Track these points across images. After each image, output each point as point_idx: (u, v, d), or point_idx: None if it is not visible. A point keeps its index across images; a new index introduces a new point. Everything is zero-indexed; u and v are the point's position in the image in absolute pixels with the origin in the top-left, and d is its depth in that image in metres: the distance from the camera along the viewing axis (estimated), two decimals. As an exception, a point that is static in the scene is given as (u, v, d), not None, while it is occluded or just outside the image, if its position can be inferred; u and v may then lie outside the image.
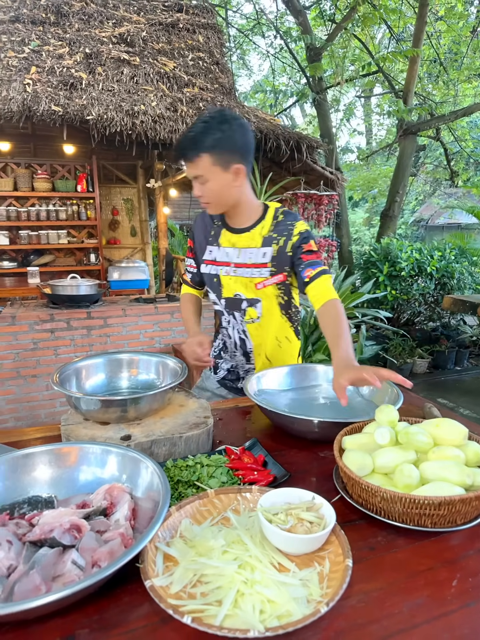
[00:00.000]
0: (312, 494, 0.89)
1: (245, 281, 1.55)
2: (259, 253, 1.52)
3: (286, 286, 1.57)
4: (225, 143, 1.33)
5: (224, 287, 1.59)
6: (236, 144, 1.35)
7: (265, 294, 1.56)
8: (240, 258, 1.54)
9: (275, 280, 1.54)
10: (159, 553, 0.80)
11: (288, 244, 1.50)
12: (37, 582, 0.69)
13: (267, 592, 0.71)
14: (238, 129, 1.35)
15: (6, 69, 2.94)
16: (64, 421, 1.19)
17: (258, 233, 1.52)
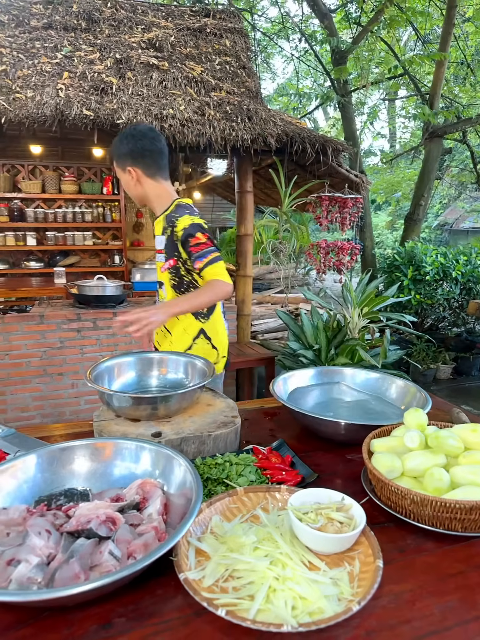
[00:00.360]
0: (341, 494, 0.90)
1: (158, 265, 1.84)
2: (159, 240, 1.79)
3: (176, 269, 1.76)
4: (118, 151, 1.71)
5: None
6: (125, 151, 1.69)
7: (165, 277, 1.80)
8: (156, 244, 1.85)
9: (167, 265, 1.77)
10: (191, 547, 0.82)
11: (174, 234, 1.69)
12: (77, 571, 0.72)
13: (299, 588, 0.72)
14: (127, 139, 1.69)
15: (40, 75, 3.02)
16: (96, 417, 1.22)
17: (160, 223, 1.78)
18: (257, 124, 3.17)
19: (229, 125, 3.07)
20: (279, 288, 6.78)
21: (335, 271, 3.86)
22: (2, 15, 3.62)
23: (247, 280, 4.00)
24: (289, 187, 3.36)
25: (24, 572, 0.72)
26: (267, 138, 3.12)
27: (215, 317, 1.85)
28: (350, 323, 2.91)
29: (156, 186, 1.75)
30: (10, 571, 0.73)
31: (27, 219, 5.83)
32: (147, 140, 1.70)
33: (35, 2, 3.86)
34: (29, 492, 0.92)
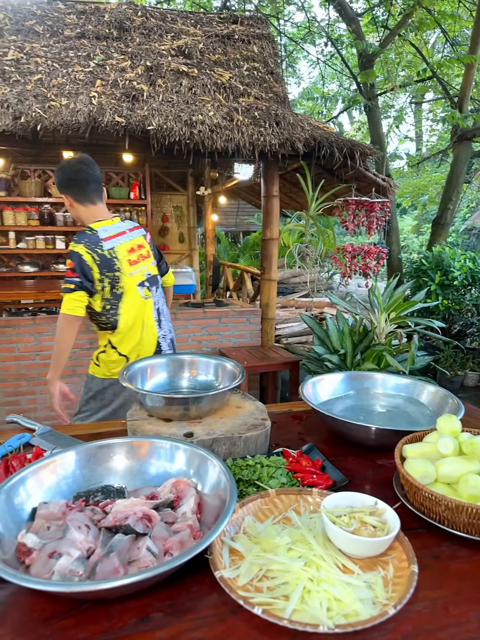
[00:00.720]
0: (374, 499, 0.90)
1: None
2: None
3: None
4: (55, 180, 2.00)
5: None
6: (57, 181, 1.97)
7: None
8: None
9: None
10: (225, 547, 0.83)
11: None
12: (116, 565, 0.74)
13: (334, 590, 0.73)
14: (58, 171, 1.95)
15: (73, 83, 3.11)
16: (129, 417, 1.25)
17: None
18: (285, 129, 3.19)
19: (257, 131, 3.10)
20: (303, 292, 6.76)
21: (360, 275, 3.83)
22: (37, 26, 3.74)
23: (271, 284, 4.01)
24: (316, 191, 3.36)
25: (66, 565, 0.75)
26: (295, 143, 3.13)
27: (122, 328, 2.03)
28: (377, 328, 2.89)
29: (85, 210, 1.98)
30: (53, 563, 0.76)
31: (56, 222, 5.98)
32: (72, 172, 1.93)
33: (69, 13, 3.98)
34: (67, 487, 0.94)
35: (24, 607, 0.74)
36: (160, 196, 7.15)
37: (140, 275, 2.03)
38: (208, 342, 3.95)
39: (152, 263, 2.13)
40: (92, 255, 1.87)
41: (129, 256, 1.99)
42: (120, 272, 1.94)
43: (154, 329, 2.08)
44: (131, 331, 2.02)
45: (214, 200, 6.93)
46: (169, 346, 2.15)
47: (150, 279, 2.08)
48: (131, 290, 1.99)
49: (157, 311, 2.12)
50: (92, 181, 1.94)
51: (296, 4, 8.89)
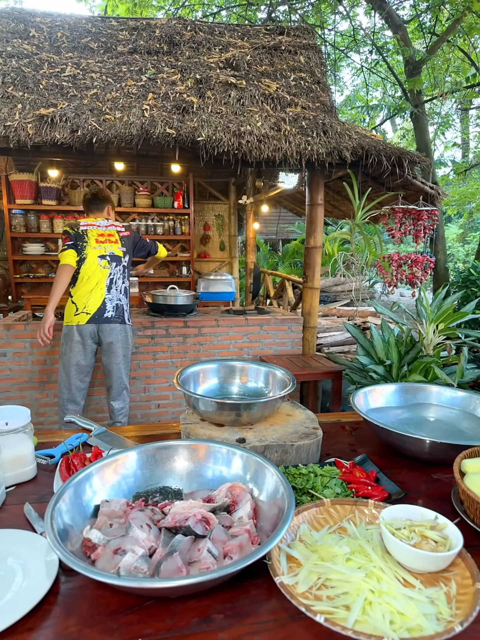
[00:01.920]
0: (434, 513, 0.88)
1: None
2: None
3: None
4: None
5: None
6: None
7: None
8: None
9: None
10: (282, 553, 0.84)
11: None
12: (179, 564, 0.76)
13: (396, 603, 0.72)
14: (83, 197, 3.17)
15: (127, 97, 3.23)
16: (182, 420, 1.28)
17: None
18: (332, 138, 3.18)
19: (305, 140, 3.11)
20: (345, 301, 6.68)
21: (407, 285, 3.76)
22: (92, 43, 3.91)
23: (314, 292, 3.99)
24: (362, 200, 3.33)
25: (131, 562, 0.77)
26: (343, 151, 3.13)
27: (79, 284, 2.97)
28: (424, 339, 2.82)
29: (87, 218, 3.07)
30: (118, 559, 0.78)
31: (104, 230, 6.18)
32: (86, 199, 3.10)
33: (122, 29, 4.14)
34: (127, 487, 0.98)
35: (91, 600, 0.77)
36: (202, 205, 7.27)
37: (103, 250, 2.97)
38: (249, 350, 3.97)
39: (119, 248, 3.03)
40: (72, 230, 2.96)
41: (96, 237, 2.97)
42: (86, 244, 2.94)
43: (102, 291, 2.94)
44: (84, 287, 2.93)
45: (255, 208, 6.98)
46: (114, 309, 2.97)
47: (111, 256, 3.00)
48: (92, 258, 2.94)
49: (109, 280, 2.97)
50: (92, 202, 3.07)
51: (341, 13, 8.89)
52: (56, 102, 3.05)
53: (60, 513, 0.81)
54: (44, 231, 6.13)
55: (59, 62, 3.55)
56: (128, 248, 3.08)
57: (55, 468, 1.19)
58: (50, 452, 1.26)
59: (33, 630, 0.72)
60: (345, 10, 8.40)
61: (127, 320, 3.06)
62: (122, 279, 3.04)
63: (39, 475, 1.17)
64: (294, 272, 9.54)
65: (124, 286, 3.05)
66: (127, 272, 3.09)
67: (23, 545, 0.88)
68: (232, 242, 7.51)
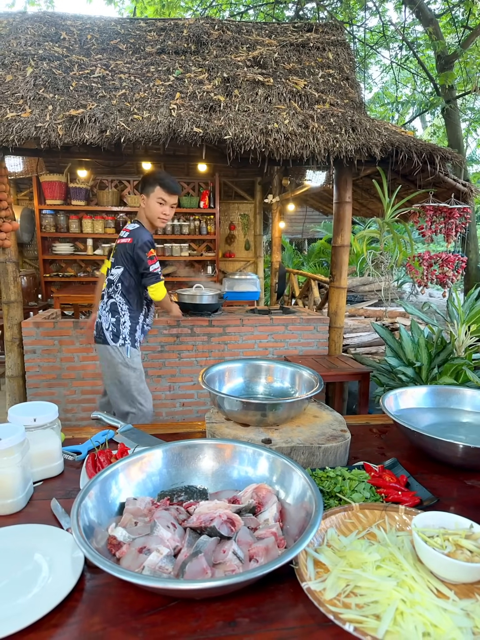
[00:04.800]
0: (469, 521, 0.84)
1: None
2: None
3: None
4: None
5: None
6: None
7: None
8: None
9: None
10: (309, 558, 0.82)
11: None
12: (204, 566, 0.75)
13: (430, 615, 0.69)
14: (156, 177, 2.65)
15: (154, 96, 3.25)
16: (207, 419, 1.27)
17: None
18: (361, 135, 3.13)
19: (333, 137, 3.06)
20: (372, 301, 6.57)
21: (437, 284, 3.66)
22: (121, 44, 3.95)
23: (340, 292, 3.93)
24: (392, 198, 3.26)
25: (155, 561, 0.77)
26: (372, 148, 3.07)
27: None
28: (456, 340, 2.74)
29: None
30: (142, 558, 0.78)
31: (131, 230, 6.25)
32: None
33: (150, 30, 4.17)
34: (153, 485, 0.97)
35: (116, 599, 0.76)
36: (228, 204, 7.27)
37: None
38: (274, 349, 3.94)
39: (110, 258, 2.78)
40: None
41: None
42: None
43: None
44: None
45: (281, 207, 6.94)
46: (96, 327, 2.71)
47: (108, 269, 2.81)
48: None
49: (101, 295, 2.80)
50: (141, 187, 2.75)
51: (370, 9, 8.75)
52: (85, 103, 3.09)
53: (86, 510, 0.81)
54: (73, 231, 6.25)
55: (88, 63, 3.60)
56: (118, 258, 2.60)
57: (81, 464, 1.20)
58: (77, 448, 1.27)
59: (58, 626, 0.71)
60: (375, 5, 8.25)
61: (109, 340, 2.62)
62: (106, 295, 2.67)
63: (66, 471, 1.18)
64: (319, 271, 9.45)
65: (110, 302, 2.64)
66: (115, 287, 2.63)
67: (49, 541, 0.88)
68: (258, 241, 7.49)
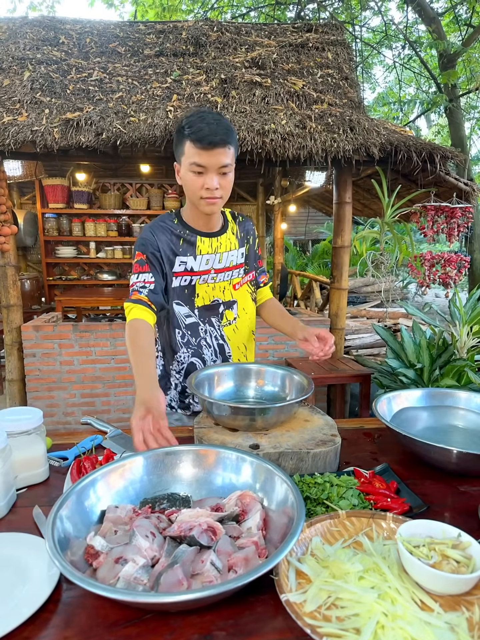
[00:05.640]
0: (457, 530, 0.82)
1: (223, 285, 1.58)
2: (237, 254, 1.60)
3: (254, 281, 1.71)
4: (235, 137, 1.39)
5: (198, 296, 1.55)
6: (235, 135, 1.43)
7: (241, 293, 1.63)
8: (222, 262, 1.56)
9: (248, 279, 1.66)
10: (292, 568, 0.79)
11: (255, 243, 1.68)
12: (180, 577, 0.73)
13: (411, 629, 0.66)
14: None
15: (151, 99, 3.25)
16: (196, 424, 1.25)
17: (232, 234, 1.59)
18: (360, 134, 3.10)
19: (331, 137, 3.04)
20: (375, 302, 6.52)
21: (440, 285, 3.62)
22: (119, 47, 3.96)
23: (341, 293, 3.90)
24: (391, 198, 3.23)
25: (131, 572, 0.75)
26: (370, 148, 3.04)
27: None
28: (458, 341, 2.70)
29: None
30: (118, 569, 0.76)
31: (133, 233, 6.26)
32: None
33: (149, 33, 4.17)
34: (135, 492, 0.95)
35: (91, 611, 0.74)
36: (230, 206, 7.26)
37: None
38: (274, 352, 3.92)
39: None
40: None
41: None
42: None
43: None
44: None
45: (283, 209, 6.92)
46: None
47: None
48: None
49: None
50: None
51: (372, 9, 8.72)
52: (82, 106, 3.09)
53: (62, 520, 0.79)
54: (75, 234, 6.26)
55: (86, 67, 3.61)
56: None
57: (67, 470, 1.18)
58: (63, 454, 1.25)
59: (30, 639, 0.70)
60: (377, 5, 8.22)
61: None
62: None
63: (52, 477, 1.17)
64: (323, 272, 9.41)
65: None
66: None
67: (28, 550, 0.86)
68: (260, 242, 7.47)
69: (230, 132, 1.33)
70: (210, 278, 1.54)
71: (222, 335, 1.61)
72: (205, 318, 1.57)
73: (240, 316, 1.64)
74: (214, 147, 1.30)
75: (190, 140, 1.31)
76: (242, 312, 1.65)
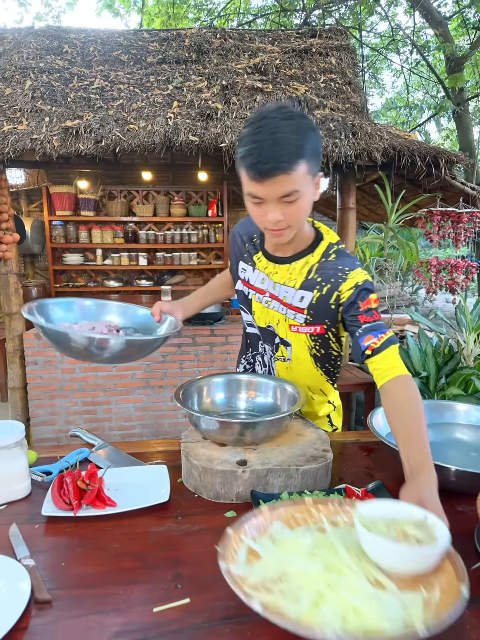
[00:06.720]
0: (425, 512, 0.76)
1: (279, 316, 1.30)
2: (295, 295, 1.25)
3: (324, 340, 1.29)
4: (317, 144, 1.06)
5: (255, 313, 1.36)
6: (320, 145, 1.08)
7: (298, 339, 1.30)
8: (275, 291, 1.28)
9: (309, 331, 1.27)
10: (243, 546, 0.75)
11: (333, 295, 1.22)
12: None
13: (354, 600, 0.62)
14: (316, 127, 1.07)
15: (152, 106, 3.24)
16: (184, 438, 1.21)
17: (299, 270, 1.25)
18: (362, 139, 3.05)
19: (332, 142, 3.00)
20: (382, 308, 6.44)
21: (447, 291, 3.55)
22: (122, 55, 3.97)
23: (347, 300, 3.83)
24: (395, 203, 3.17)
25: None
26: (373, 153, 2.99)
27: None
28: (464, 349, 2.63)
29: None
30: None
31: (139, 240, 6.27)
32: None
33: (152, 41, 4.18)
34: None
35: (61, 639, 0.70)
36: (237, 213, 7.24)
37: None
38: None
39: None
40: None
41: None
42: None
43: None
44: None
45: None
46: None
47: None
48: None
49: None
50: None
51: (379, 14, 8.69)
52: (82, 114, 3.09)
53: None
54: (82, 241, 6.28)
55: (88, 75, 3.62)
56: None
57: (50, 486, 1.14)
58: (48, 468, 1.22)
59: (-11, 673, 0.66)
60: (384, 10, 8.20)
61: None
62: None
63: (34, 493, 1.13)
64: (331, 278, 9.31)
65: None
66: None
67: (-3, 573, 0.82)
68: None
69: (293, 151, 0.99)
70: (265, 301, 1.31)
71: (273, 368, 1.42)
72: (264, 339, 1.40)
73: (294, 361, 1.36)
74: (267, 178, 1.00)
75: (246, 167, 1.03)
76: (296, 359, 1.35)
